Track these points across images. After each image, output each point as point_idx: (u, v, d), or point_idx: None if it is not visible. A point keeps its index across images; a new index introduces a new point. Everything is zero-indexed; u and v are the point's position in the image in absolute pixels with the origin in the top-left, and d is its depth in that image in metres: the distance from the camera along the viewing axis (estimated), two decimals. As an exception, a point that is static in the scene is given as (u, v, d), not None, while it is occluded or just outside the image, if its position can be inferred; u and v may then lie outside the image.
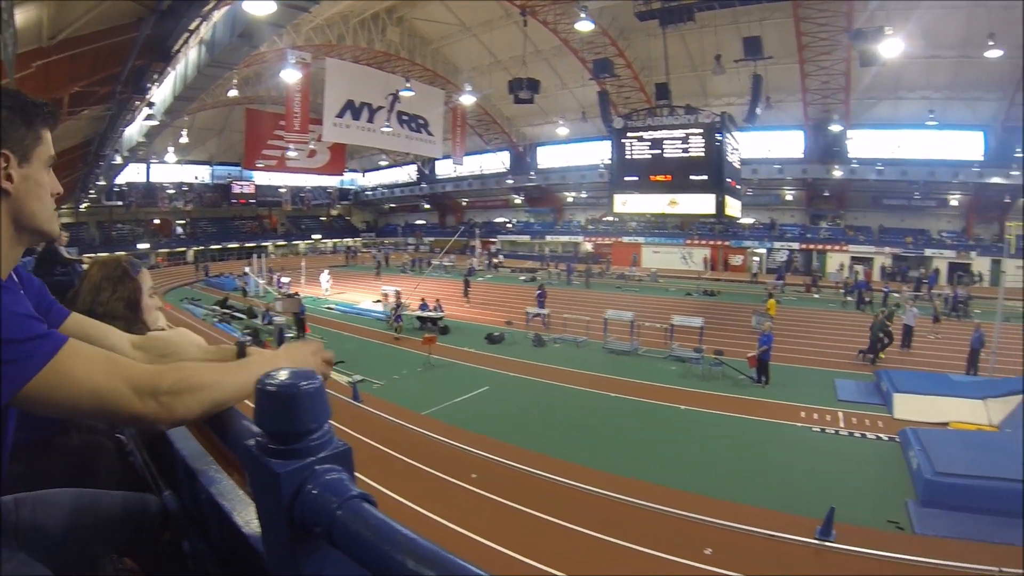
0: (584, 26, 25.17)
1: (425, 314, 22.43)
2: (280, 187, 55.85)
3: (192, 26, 14.75)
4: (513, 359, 18.26)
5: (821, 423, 12.81)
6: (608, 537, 8.09)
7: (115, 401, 1.01)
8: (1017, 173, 33.29)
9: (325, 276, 32.22)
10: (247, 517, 1.15)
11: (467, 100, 33.62)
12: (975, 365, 16.37)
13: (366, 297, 29.48)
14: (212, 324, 23.55)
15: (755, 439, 12.14)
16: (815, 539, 7.93)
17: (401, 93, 31.03)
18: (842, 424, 12.76)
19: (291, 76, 27.63)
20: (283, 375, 0.91)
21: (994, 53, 25.14)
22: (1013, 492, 8.64)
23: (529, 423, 13.05)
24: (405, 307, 22.21)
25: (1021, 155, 33.06)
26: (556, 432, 12.46)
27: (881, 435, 12.09)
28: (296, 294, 25.37)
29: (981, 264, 36.55)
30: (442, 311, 22.59)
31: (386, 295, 26.02)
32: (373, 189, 64.45)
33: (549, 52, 36.14)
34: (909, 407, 13.08)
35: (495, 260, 46.66)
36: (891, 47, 21.45)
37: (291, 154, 43.81)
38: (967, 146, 35.83)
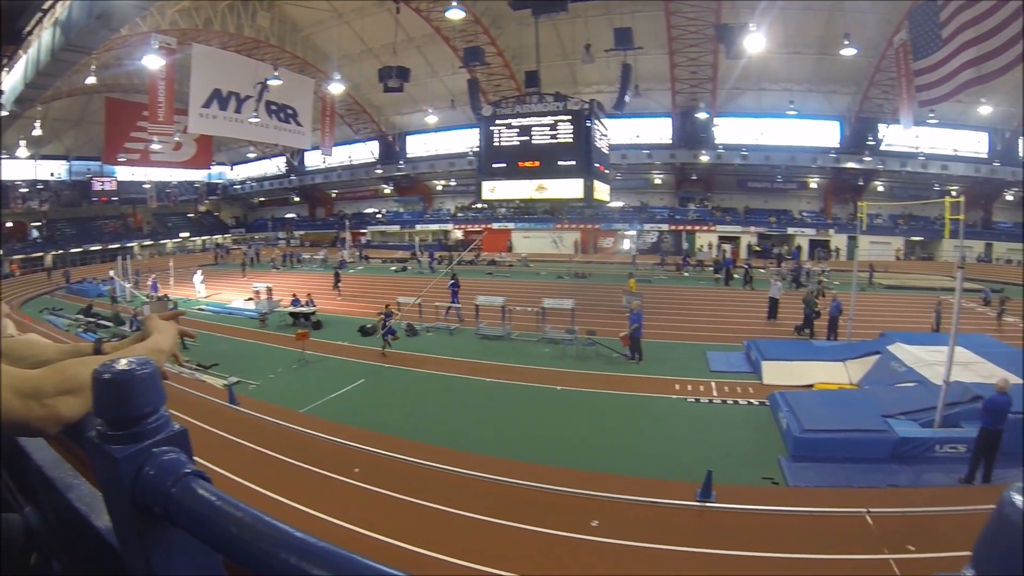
0: (455, 15, 24.89)
1: (297, 309, 21.42)
2: (144, 182, 51.08)
3: (45, 5, 13.53)
4: (388, 350, 17.67)
5: (695, 393, 13.15)
6: (496, 519, 7.89)
7: None
8: (869, 159, 37.44)
9: (199, 277, 29.95)
10: (105, 518, 1.09)
11: (336, 89, 32.37)
12: (834, 331, 17.51)
13: (239, 296, 27.77)
14: (76, 335, 21.32)
15: (632, 413, 12.30)
16: (696, 501, 8.04)
17: (270, 82, 29.51)
18: (715, 393, 13.16)
19: (154, 62, 25.63)
20: (121, 363, 0.90)
21: (849, 51, 27.38)
22: (873, 441, 9.35)
23: (407, 413, 12.64)
24: (394, 315, 18.41)
25: (872, 142, 36.59)
26: (435, 420, 12.13)
27: (752, 400, 12.56)
28: (166, 297, 23.59)
29: (839, 240, 40.33)
30: (314, 305, 21.62)
31: (258, 292, 24.62)
32: (242, 183, 60.95)
33: (421, 40, 35.60)
34: (777, 373, 13.75)
35: (365, 251, 45.57)
36: (754, 42, 22.42)
37: (155, 147, 41.20)
38: (825, 134, 39.52)
